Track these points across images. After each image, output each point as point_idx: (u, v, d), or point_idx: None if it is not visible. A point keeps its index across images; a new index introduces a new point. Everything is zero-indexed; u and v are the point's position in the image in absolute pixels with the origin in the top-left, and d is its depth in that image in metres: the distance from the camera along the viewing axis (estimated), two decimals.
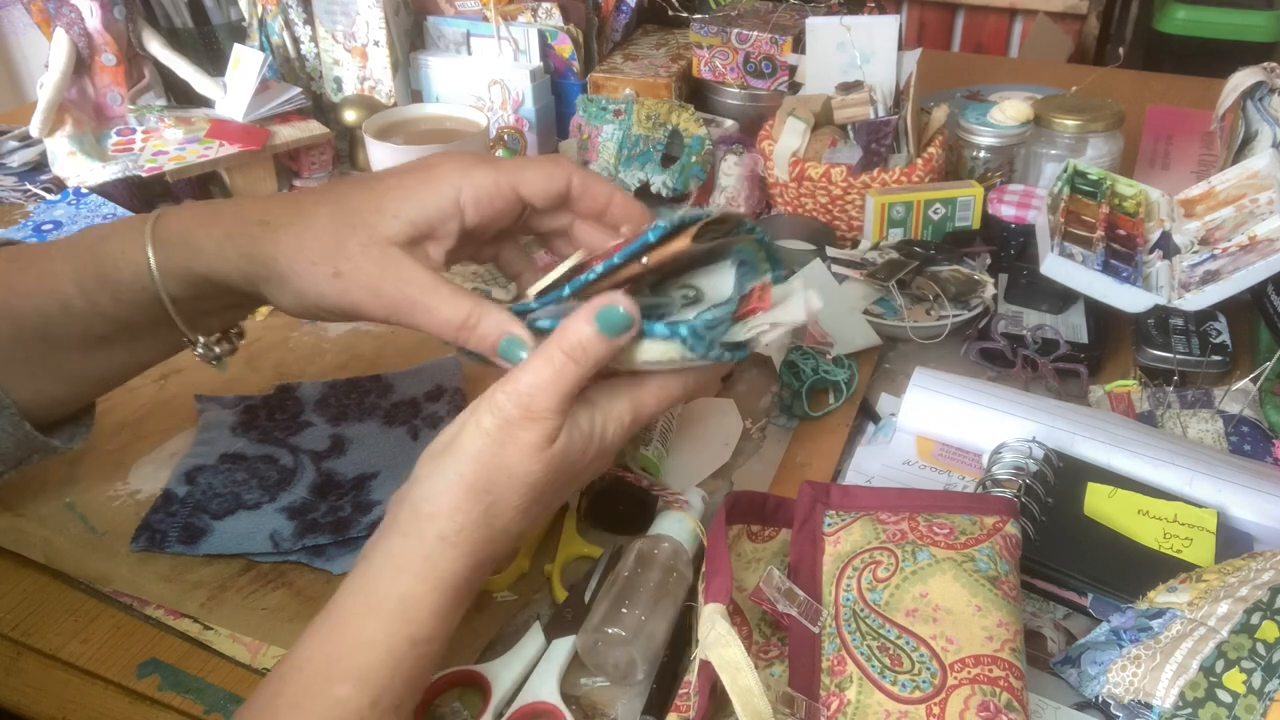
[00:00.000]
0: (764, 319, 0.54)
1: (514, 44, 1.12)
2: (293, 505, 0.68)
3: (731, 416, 0.75)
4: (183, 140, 1.06)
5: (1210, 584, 0.55)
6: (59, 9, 1.02)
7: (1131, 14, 2.21)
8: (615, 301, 0.51)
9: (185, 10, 1.18)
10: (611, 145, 1.03)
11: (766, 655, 0.55)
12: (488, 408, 0.52)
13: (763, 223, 0.94)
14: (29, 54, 2.30)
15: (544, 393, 0.51)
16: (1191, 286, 0.77)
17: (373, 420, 0.76)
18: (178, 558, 0.65)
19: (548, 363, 0.51)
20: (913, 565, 0.54)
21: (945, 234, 0.91)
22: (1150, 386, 0.75)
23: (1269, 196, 0.81)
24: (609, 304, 0.51)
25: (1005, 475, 0.63)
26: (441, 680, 0.56)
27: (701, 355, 0.52)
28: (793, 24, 1.07)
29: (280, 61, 1.17)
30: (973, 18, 2.12)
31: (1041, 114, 0.95)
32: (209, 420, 0.76)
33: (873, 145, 0.92)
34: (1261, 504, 0.63)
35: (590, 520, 0.68)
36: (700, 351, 0.51)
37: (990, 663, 0.49)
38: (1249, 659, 0.51)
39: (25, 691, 0.59)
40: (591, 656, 0.57)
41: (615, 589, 0.58)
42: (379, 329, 0.87)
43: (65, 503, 0.69)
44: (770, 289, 0.55)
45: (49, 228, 1.01)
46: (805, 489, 0.60)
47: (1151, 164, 1.08)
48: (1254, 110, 0.93)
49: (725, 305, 0.53)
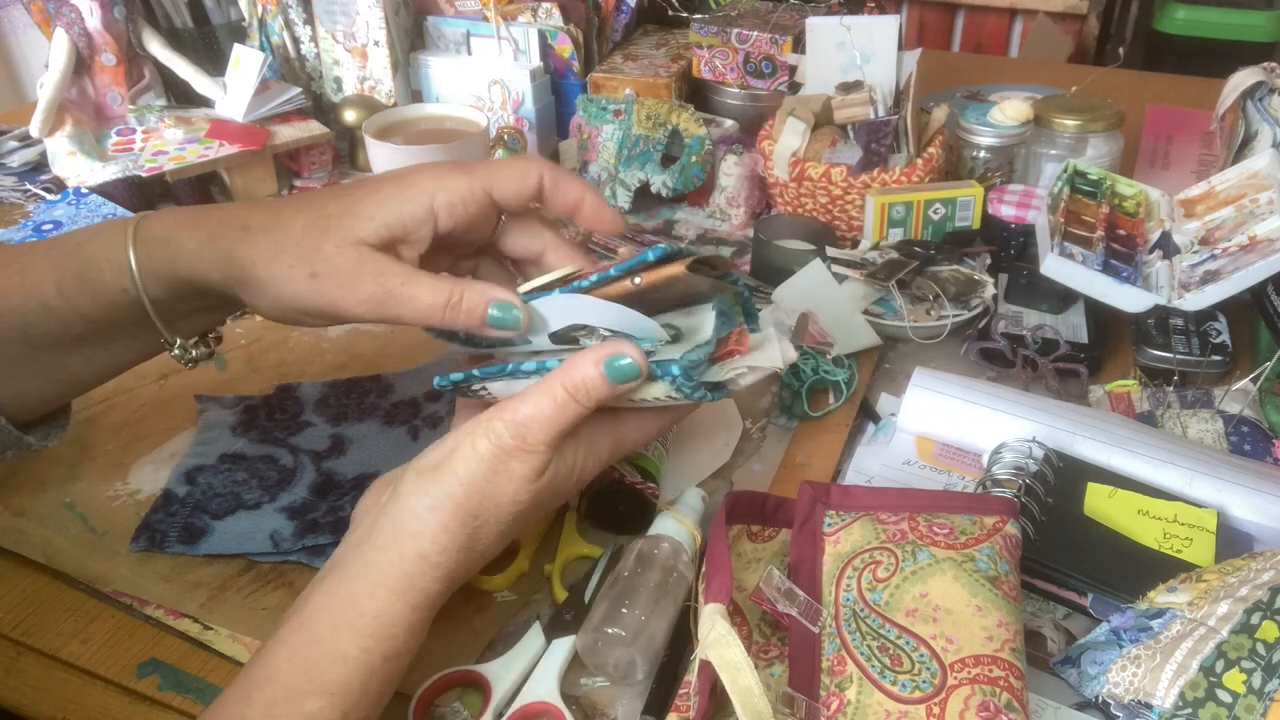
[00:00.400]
0: (741, 362, 0.55)
1: (514, 44, 1.12)
2: (293, 505, 0.68)
3: (732, 416, 0.75)
4: (183, 140, 1.06)
5: (1210, 584, 0.55)
6: (59, 9, 1.02)
7: (1131, 14, 2.21)
8: (623, 351, 0.52)
9: (185, 10, 1.18)
10: (611, 145, 1.04)
11: (766, 655, 0.55)
12: (484, 433, 0.52)
13: (762, 223, 0.94)
14: (29, 54, 2.30)
15: (542, 427, 0.52)
16: (1191, 286, 0.77)
17: (373, 420, 0.76)
18: (178, 558, 0.65)
19: (549, 398, 0.52)
20: (913, 565, 0.54)
21: (945, 234, 0.91)
22: (1150, 386, 0.75)
23: (1269, 196, 0.81)
24: (616, 353, 0.52)
25: (1005, 475, 0.63)
26: (441, 680, 0.56)
27: (688, 395, 0.53)
28: (793, 24, 1.07)
29: (280, 61, 1.17)
30: (973, 18, 2.12)
31: (1041, 114, 0.95)
32: (209, 420, 0.76)
33: (873, 145, 0.92)
34: (1261, 504, 0.63)
35: (590, 520, 0.68)
36: (687, 392, 0.52)
37: (990, 663, 0.49)
38: (1249, 659, 0.51)
39: (25, 691, 0.59)
40: (591, 656, 0.57)
41: (615, 589, 0.58)
42: (379, 329, 0.87)
43: (65, 503, 0.69)
44: (747, 335, 0.56)
45: (49, 228, 1.01)
46: (805, 489, 0.60)
47: (1151, 164, 1.08)
48: (1254, 110, 0.93)
49: (705, 346, 0.54)
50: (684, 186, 1.03)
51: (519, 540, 0.65)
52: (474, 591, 0.62)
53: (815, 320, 0.80)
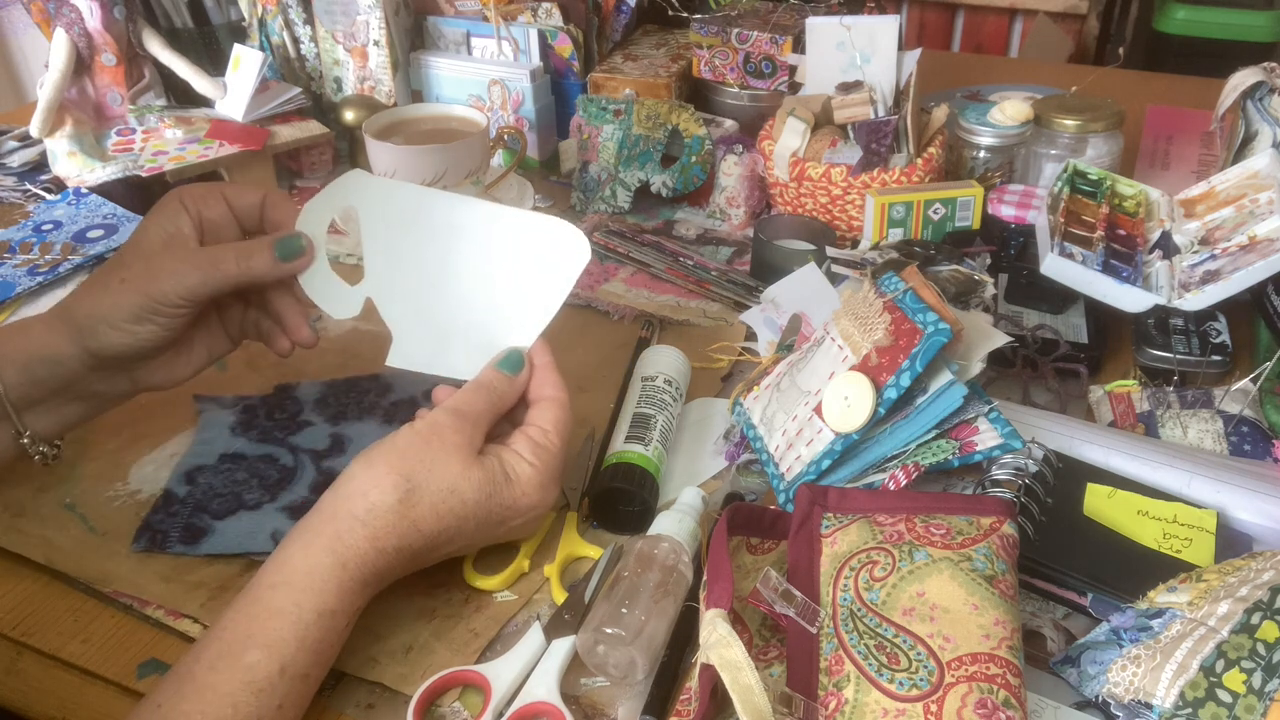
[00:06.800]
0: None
1: (514, 44, 1.12)
2: (293, 504, 0.68)
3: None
4: (183, 140, 1.06)
5: (1210, 584, 0.55)
6: (59, 9, 1.02)
7: (1131, 14, 2.21)
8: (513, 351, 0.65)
9: (185, 10, 1.18)
10: (611, 145, 1.04)
11: (765, 657, 0.55)
12: (421, 416, 0.61)
13: (763, 223, 0.94)
14: (29, 54, 2.30)
15: (469, 403, 0.61)
16: (1191, 286, 0.77)
17: (372, 419, 0.76)
18: (178, 558, 0.65)
19: (475, 383, 0.63)
20: (909, 565, 0.54)
21: (945, 234, 0.90)
22: (1150, 386, 0.75)
23: (1269, 196, 0.81)
24: (510, 353, 0.65)
25: (1004, 476, 0.63)
26: (441, 680, 0.56)
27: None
28: (793, 24, 1.07)
29: (280, 61, 1.17)
30: (973, 18, 2.11)
31: (1041, 114, 0.95)
32: (208, 420, 0.76)
33: (873, 145, 0.92)
34: (1261, 504, 0.63)
35: (590, 520, 0.68)
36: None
37: (987, 660, 0.49)
38: (1249, 659, 0.51)
39: (25, 691, 0.60)
40: (591, 657, 0.57)
41: (615, 589, 0.58)
42: (379, 328, 0.87)
43: (65, 503, 0.70)
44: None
45: (49, 228, 1.01)
46: (803, 491, 0.60)
47: (1151, 164, 1.08)
48: (1254, 110, 0.93)
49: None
50: (684, 186, 1.03)
51: (519, 540, 0.65)
52: (474, 591, 0.63)
53: (808, 321, 0.80)
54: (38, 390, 0.64)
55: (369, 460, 0.58)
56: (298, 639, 0.52)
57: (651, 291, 0.92)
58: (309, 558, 0.54)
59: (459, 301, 0.67)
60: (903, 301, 0.65)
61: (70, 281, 0.94)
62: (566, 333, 0.86)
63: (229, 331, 0.71)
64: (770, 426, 0.69)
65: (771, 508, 0.64)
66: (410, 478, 0.57)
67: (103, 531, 0.67)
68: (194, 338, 0.69)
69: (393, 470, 0.57)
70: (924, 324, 0.63)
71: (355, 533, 0.55)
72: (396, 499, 0.56)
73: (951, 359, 0.64)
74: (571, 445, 0.73)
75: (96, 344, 0.64)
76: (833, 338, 0.68)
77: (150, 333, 0.64)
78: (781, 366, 0.73)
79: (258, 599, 0.53)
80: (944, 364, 0.64)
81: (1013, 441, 0.63)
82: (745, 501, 0.65)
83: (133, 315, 0.63)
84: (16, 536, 0.67)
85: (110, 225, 1.01)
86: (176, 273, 0.64)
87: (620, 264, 0.96)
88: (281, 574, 0.54)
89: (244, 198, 0.69)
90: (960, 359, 0.65)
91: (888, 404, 0.62)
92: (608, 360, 0.82)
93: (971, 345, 0.67)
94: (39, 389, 0.64)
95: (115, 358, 0.65)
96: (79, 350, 0.64)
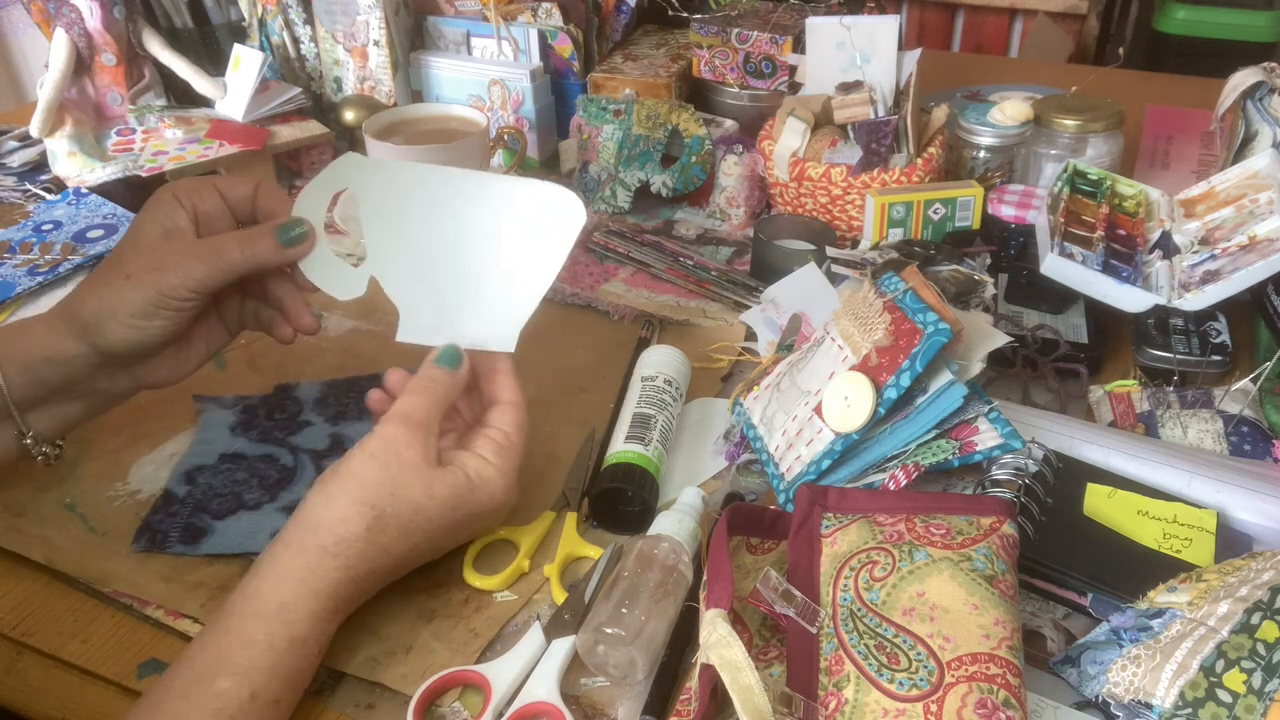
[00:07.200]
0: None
1: (514, 44, 1.12)
2: (293, 505, 0.67)
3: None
4: (183, 140, 1.06)
5: (1210, 584, 0.55)
6: (59, 9, 1.02)
7: (1131, 14, 2.21)
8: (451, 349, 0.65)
9: (185, 10, 1.18)
10: (611, 145, 1.04)
11: (766, 657, 0.55)
12: (372, 434, 0.60)
13: (763, 223, 0.94)
14: (29, 54, 2.30)
15: (415, 408, 0.61)
16: (1191, 286, 0.77)
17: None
18: (178, 558, 0.65)
19: (417, 384, 0.63)
20: (909, 565, 0.54)
21: (945, 234, 0.90)
22: (1150, 386, 0.75)
23: (1269, 196, 0.81)
24: (445, 348, 0.65)
25: (1004, 476, 0.63)
26: (441, 680, 0.56)
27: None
28: (793, 24, 1.07)
29: (280, 61, 1.17)
30: (973, 18, 2.11)
31: (1041, 114, 0.95)
32: (208, 420, 0.76)
33: (873, 145, 0.92)
34: (1261, 504, 0.63)
35: (590, 520, 0.68)
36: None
37: (987, 660, 0.49)
38: (1249, 659, 0.51)
39: (25, 691, 0.60)
40: (591, 656, 0.57)
41: (615, 589, 0.58)
42: (379, 328, 0.87)
43: (65, 503, 0.70)
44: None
45: (49, 228, 1.01)
46: (803, 491, 0.60)
47: (1151, 164, 1.08)
48: (1254, 110, 0.93)
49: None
50: (684, 186, 1.03)
51: (519, 540, 0.65)
52: (474, 591, 0.62)
53: (808, 321, 0.80)
54: (41, 390, 0.64)
55: (327, 493, 0.58)
56: (269, 667, 0.52)
57: (651, 291, 0.92)
58: (280, 590, 0.54)
59: (461, 271, 0.67)
60: (903, 301, 0.65)
61: (70, 281, 0.94)
62: (566, 333, 0.86)
63: (227, 324, 0.71)
64: (770, 426, 0.69)
65: (771, 508, 0.64)
66: (375, 505, 0.57)
67: (103, 531, 0.67)
68: (194, 332, 0.69)
69: (355, 501, 0.57)
70: (924, 324, 0.63)
71: (326, 564, 0.55)
72: (364, 527, 0.56)
73: (951, 359, 0.64)
74: (571, 445, 0.73)
75: (104, 341, 0.64)
76: (833, 338, 0.68)
77: (159, 327, 0.64)
78: (781, 366, 0.73)
79: (228, 629, 0.53)
80: (944, 364, 0.64)
81: (1013, 441, 0.63)
82: (745, 501, 0.65)
83: (141, 311, 0.63)
84: (16, 536, 0.67)
85: (110, 225, 1.01)
86: (182, 265, 0.64)
87: (620, 264, 0.96)
88: (251, 605, 0.54)
89: (236, 189, 0.69)
90: (960, 359, 0.65)
91: (888, 404, 0.62)
92: (608, 360, 0.82)
93: (971, 345, 0.67)
94: (42, 389, 0.64)
95: (122, 354, 0.65)
96: (85, 348, 0.64)
